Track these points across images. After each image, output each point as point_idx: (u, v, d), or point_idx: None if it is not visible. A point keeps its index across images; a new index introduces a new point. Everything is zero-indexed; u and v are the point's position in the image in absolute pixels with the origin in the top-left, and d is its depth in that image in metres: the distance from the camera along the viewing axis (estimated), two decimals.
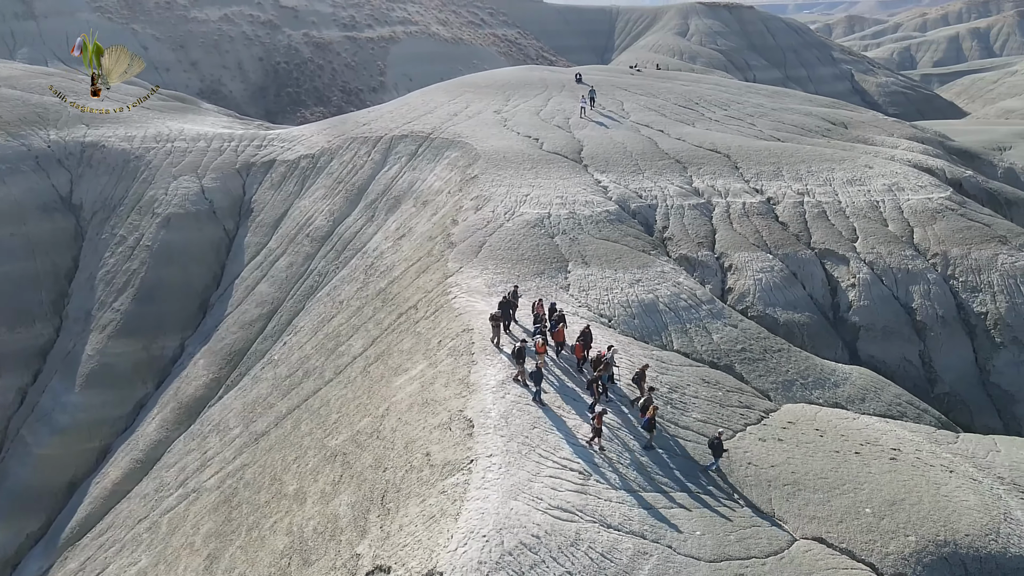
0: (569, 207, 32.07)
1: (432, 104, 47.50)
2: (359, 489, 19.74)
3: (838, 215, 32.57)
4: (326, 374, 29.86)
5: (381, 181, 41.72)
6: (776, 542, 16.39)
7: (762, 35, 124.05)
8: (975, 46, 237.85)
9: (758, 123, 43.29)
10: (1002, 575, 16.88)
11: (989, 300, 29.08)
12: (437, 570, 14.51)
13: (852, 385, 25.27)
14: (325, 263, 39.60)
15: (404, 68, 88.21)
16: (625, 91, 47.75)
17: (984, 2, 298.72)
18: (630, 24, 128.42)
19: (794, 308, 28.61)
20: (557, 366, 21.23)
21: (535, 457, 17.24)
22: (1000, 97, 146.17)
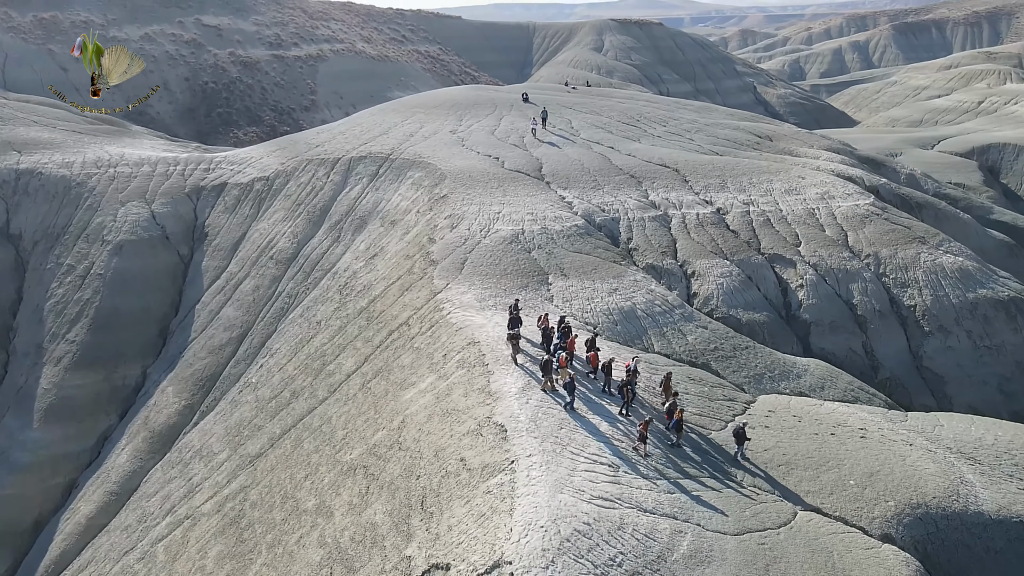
0: (540, 223, 34.05)
1: (386, 124, 48.61)
2: (393, 498, 20.94)
3: (781, 222, 35.90)
4: (318, 393, 30.63)
5: (343, 202, 42.53)
6: (783, 515, 18.73)
7: (671, 50, 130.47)
8: (856, 58, 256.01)
9: (696, 138, 46.63)
10: (965, 528, 19.81)
11: (916, 294, 32.90)
12: (504, 560, 16.04)
13: (812, 376, 28.24)
14: (294, 285, 40.09)
15: (334, 86, 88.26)
16: (571, 109, 50.34)
17: (862, 17, 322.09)
18: (547, 40, 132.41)
19: (753, 309, 31.53)
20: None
21: (568, 455, 19.00)
22: (883, 106, 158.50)
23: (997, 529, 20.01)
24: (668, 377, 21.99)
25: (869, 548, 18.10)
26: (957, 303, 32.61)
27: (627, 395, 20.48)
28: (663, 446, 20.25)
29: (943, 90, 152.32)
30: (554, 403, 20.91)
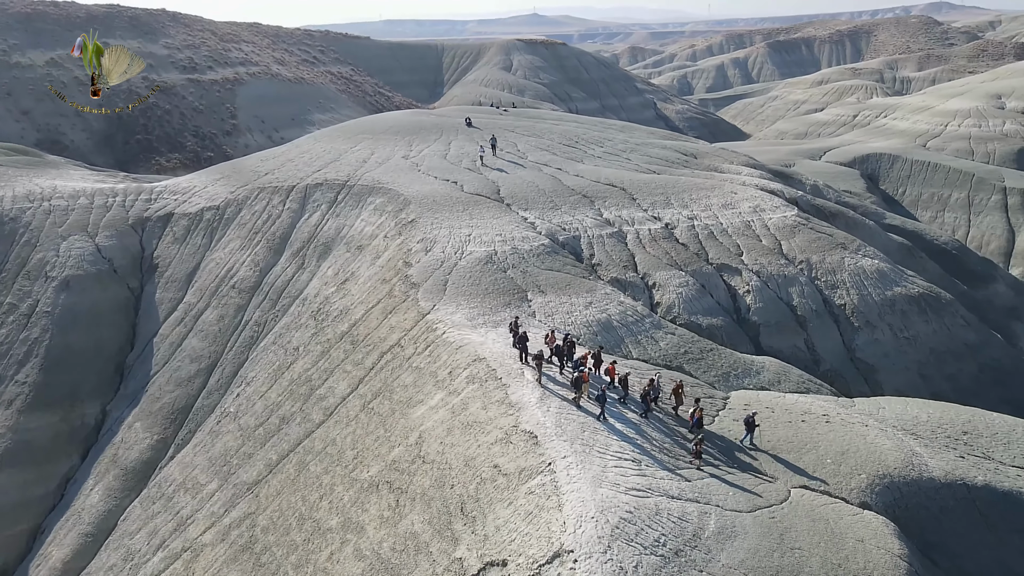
0: (510, 243, 36.23)
1: (336, 151, 49.49)
2: (429, 507, 22.48)
3: (723, 235, 39.61)
4: (313, 417, 31.52)
5: (304, 229, 43.23)
6: (781, 492, 21.62)
7: (576, 69, 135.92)
8: (737, 73, 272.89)
9: (632, 158, 50.15)
10: (921, 493, 23.36)
11: (844, 294, 37.23)
12: (564, 549, 18.05)
13: (768, 372, 31.70)
14: (261, 313, 40.46)
15: (254, 110, 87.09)
16: (513, 133, 52.85)
17: (739, 35, 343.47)
18: (456, 59, 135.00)
19: (710, 314, 34.86)
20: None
21: (596, 455, 21.22)
22: (768, 120, 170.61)
23: (946, 491, 23.68)
24: (680, 385, 24.59)
25: (855, 515, 21.23)
26: (879, 301, 37.16)
27: (649, 404, 22.97)
28: (663, 437, 22.84)
29: (819, 104, 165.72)
30: (572, 410, 23.09)
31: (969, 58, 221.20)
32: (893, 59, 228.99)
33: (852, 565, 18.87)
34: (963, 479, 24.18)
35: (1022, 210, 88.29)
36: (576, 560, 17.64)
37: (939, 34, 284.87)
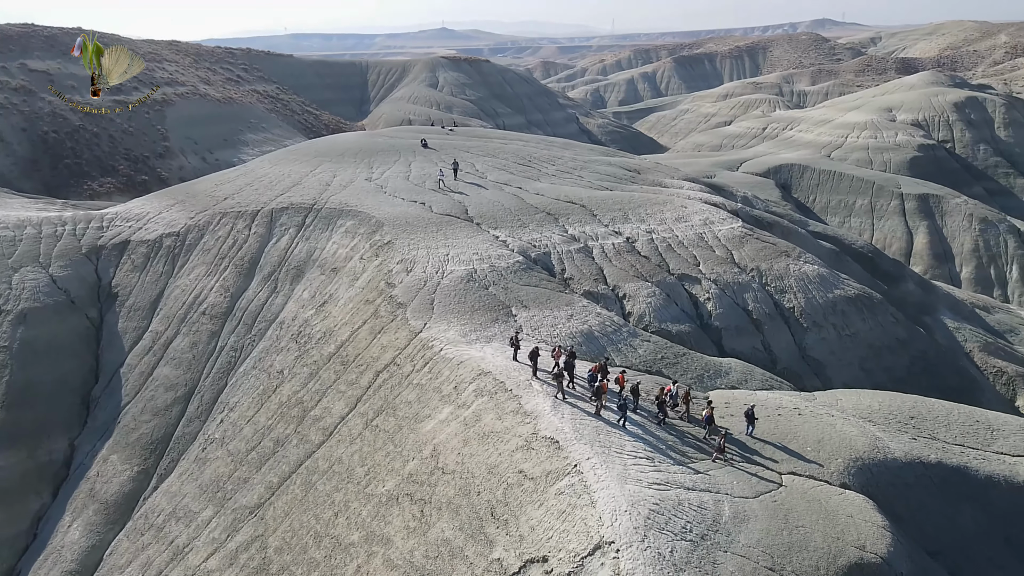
0: (487, 262, 37.93)
1: (297, 174, 49.86)
2: (457, 514, 23.87)
3: (680, 247, 42.56)
4: (311, 438, 32.21)
5: (273, 253, 43.56)
6: (775, 479, 24.18)
7: (501, 85, 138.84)
8: (647, 87, 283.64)
9: (584, 175, 52.77)
10: (888, 472, 26.42)
11: (792, 298, 40.77)
12: (605, 541, 19.88)
13: (736, 372, 34.59)
14: (236, 338, 40.57)
15: (186, 131, 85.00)
16: (468, 153, 54.55)
17: (646, 50, 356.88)
18: (382, 77, 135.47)
19: (677, 321, 37.58)
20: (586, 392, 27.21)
21: (614, 455, 23.18)
22: (681, 132, 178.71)
23: (907, 469, 26.88)
24: (688, 391, 26.83)
25: (840, 495, 24.00)
26: (822, 303, 40.89)
27: (666, 410, 25.20)
28: (669, 435, 25.14)
29: (728, 117, 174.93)
30: (585, 417, 24.99)
31: (856, 73, 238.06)
32: (789, 73, 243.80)
33: (848, 537, 21.52)
34: (919, 458, 27.46)
35: (918, 214, 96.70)
36: (618, 550, 19.51)
37: (827, 50, 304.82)
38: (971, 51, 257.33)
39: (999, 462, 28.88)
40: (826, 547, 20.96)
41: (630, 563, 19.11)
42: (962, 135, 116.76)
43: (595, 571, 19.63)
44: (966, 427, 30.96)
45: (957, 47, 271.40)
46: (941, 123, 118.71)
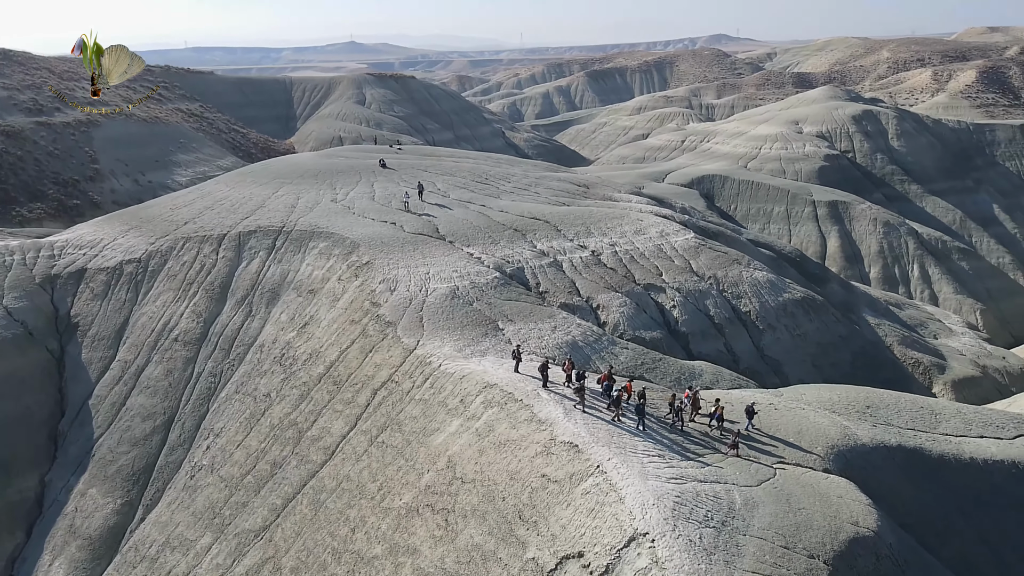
0: (467, 278, 39.33)
1: (259, 197, 49.71)
2: (484, 520, 25.16)
3: (642, 258, 45.15)
4: (312, 458, 32.68)
5: (244, 277, 43.48)
6: (769, 467, 26.65)
7: (427, 101, 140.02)
8: (562, 100, 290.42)
9: (540, 192, 54.87)
10: (859, 456, 29.36)
11: (748, 302, 43.98)
12: (639, 532, 21.68)
13: (707, 374, 37.24)
14: (214, 364, 40.33)
15: (115, 153, 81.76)
16: (427, 172, 55.70)
17: (559, 64, 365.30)
18: (307, 94, 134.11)
19: (649, 329, 40.01)
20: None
21: (630, 455, 25.06)
22: (601, 145, 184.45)
23: (874, 453, 29.95)
24: (696, 394, 28.91)
25: (827, 479, 26.68)
26: (774, 306, 44.28)
27: (683, 418, 27.25)
28: (674, 434, 27.30)
29: (645, 129, 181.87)
30: (597, 422, 26.77)
31: (757, 87, 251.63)
32: (696, 87, 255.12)
33: (843, 515, 24.10)
34: (882, 442, 30.63)
35: (829, 219, 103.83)
36: (653, 540, 21.35)
37: (729, 65, 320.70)
38: (858, 66, 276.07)
39: (946, 442, 32.40)
40: (827, 525, 23.46)
41: (666, 551, 20.98)
42: (861, 145, 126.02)
43: (632, 561, 21.40)
44: (914, 413, 34.45)
45: (845, 62, 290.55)
46: (842, 134, 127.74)
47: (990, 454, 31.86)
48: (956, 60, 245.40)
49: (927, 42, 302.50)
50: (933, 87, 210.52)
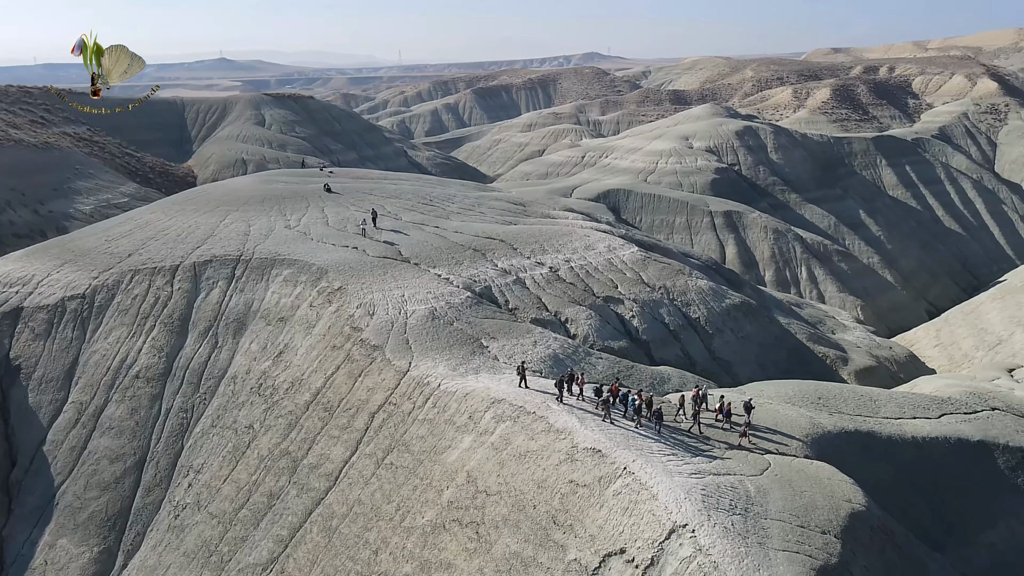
0: (442, 299, 40.33)
1: (206, 225, 48.35)
2: (518, 529, 26.39)
3: (597, 271, 47.66)
4: (314, 486, 32.64)
5: (205, 308, 42.40)
6: (762, 457, 29.39)
7: (329, 121, 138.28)
8: (451, 118, 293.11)
9: (485, 212, 56.45)
10: (826, 442, 32.75)
11: (696, 309, 47.38)
12: (679, 525, 23.65)
13: (675, 378, 40.00)
14: (183, 399, 39.16)
15: (9, 183, 74.96)
16: (371, 195, 55.93)
17: (445, 82, 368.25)
18: (201, 115, 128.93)
19: (615, 339, 42.43)
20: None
21: (648, 455, 27.06)
22: (498, 161, 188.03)
23: (839, 438, 33.43)
24: (704, 394, 31.17)
25: (811, 464, 29.73)
26: (719, 311, 47.91)
27: (697, 420, 29.44)
28: (680, 433, 29.61)
29: (541, 145, 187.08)
30: (610, 428, 28.56)
31: (638, 103, 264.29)
32: (581, 104, 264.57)
33: (838, 494, 27.11)
34: (843, 428, 34.26)
35: (726, 228, 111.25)
36: (693, 530, 23.39)
37: (609, 83, 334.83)
38: (726, 84, 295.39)
39: (890, 425, 36.53)
40: (828, 504, 26.36)
41: (707, 539, 23.07)
42: (745, 159, 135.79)
43: (675, 551, 23.36)
44: (857, 401, 38.50)
45: (714, 80, 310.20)
46: (728, 149, 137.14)
47: (926, 432, 36.08)
48: (811, 79, 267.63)
49: (784, 62, 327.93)
50: (794, 103, 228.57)
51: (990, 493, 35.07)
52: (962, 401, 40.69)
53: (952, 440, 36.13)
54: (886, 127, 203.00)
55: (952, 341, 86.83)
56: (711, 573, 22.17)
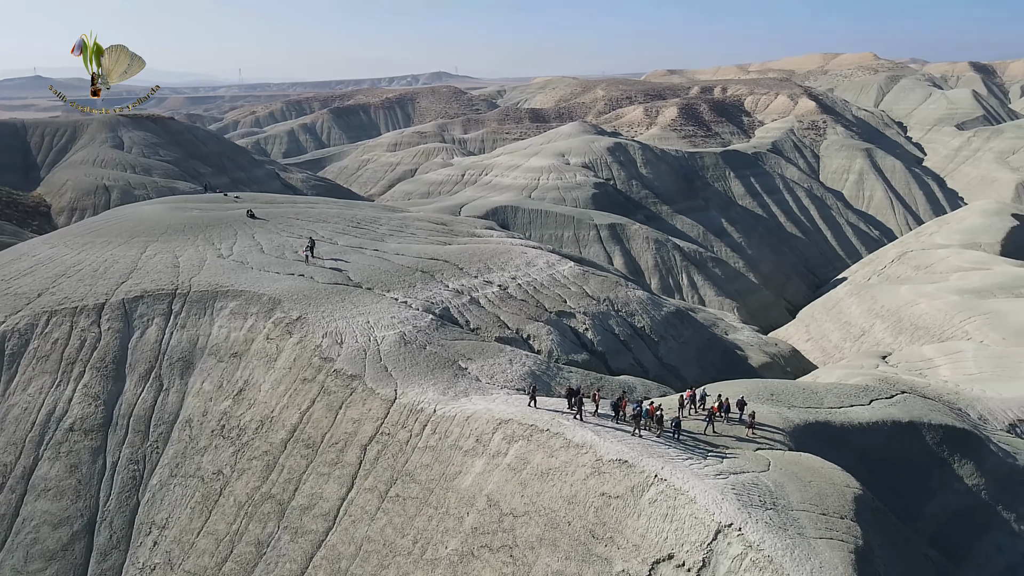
0: (408, 323, 39.41)
1: (126, 259, 44.05)
2: (555, 548, 26.32)
3: (544, 287, 48.36)
4: (310, 527, 30.78)
5: (142, 349, 38.80)
6: (754, 453, 31.14)
7: (194, 144, 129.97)
8: (308, 138, 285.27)
9: (416, 233, 55.63)
10: (801, 434, 35.21)
11: (640, 319, 49.21)
12: (724, 524, 24.60)
13: (639, 387, 41.41)
14: (131, 450, 35.58)
15: None
16: (298, 219, 53.40)
17: (298, 102, 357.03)
18: (48, 138, 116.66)
19: (576, 352, 43.26)
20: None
21: (670, 461, 27.92)
22: (369, 181, 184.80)
23: (806, 429, 35.87)
24: (704, 395, 32.25)
25: (801, 455, 31.77)
26: (660, 319, 50.07)
27: (712, 421, 30.49)
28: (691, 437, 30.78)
29: (413, 164, 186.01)
30: (628, 438, 29.13)
31: (499, 122, 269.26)
32: (443, 123, 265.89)
33: (837, 481, 29.23)
34: (806, 420, 36.94)
35: (611, 240, 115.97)
36: (740, 528, 24.44)
37: (466, 101, 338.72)
38: (579, 103, 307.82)
39: (838, 413, 39.77)
40: (834, 491, 28.40)
41: (755, 535, 24.20)
42: (619, 173, 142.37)
43: (725, 551, 24.31)
44: (802, 394, 41.60)
45: (568, 99, 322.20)
46: (602, 165, 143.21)
47: (866, 418, 39.54)
48: (656, 98, 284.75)
49: (630, 82, 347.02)
50: (647, 121, 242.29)
51: (926, 468, 38.98)
52: (880, 388, 44.93)
53: (888, 423, 39.68)
54: (728, 142, 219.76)
55: (822, 335, 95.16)
56: (766, 568, 23.28)
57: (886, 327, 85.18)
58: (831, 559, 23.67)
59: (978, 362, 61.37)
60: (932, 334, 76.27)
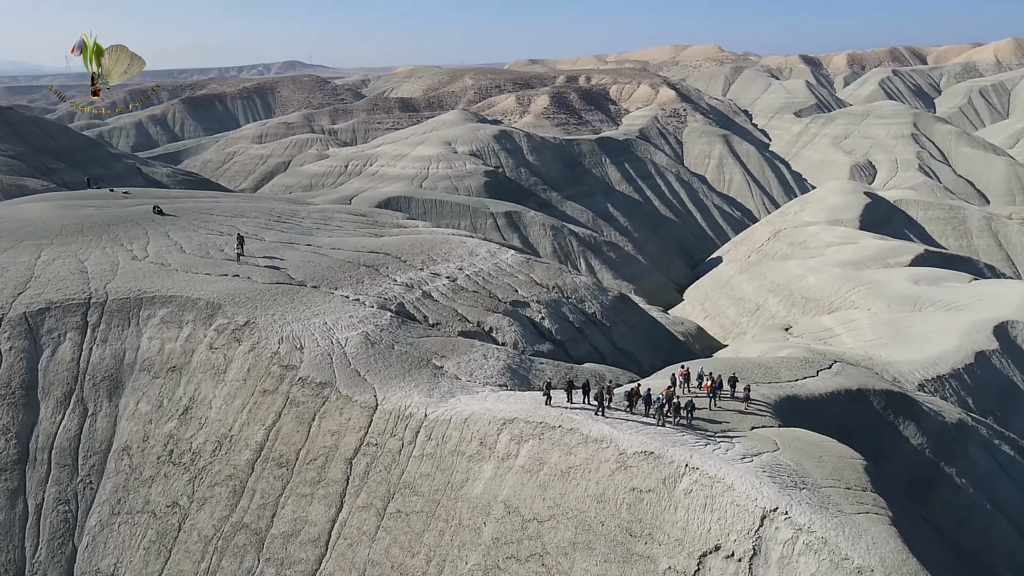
0: (369, 322, 36.25)
1: (20, 266, 37.28)
2: (591, 551, 24.69)
3: (492, 277, 46.31)
4: (300, 556, 27.41)
5: (56, 369, 33.20)
6: (750, 431, 30.91)
7: (40, 137, 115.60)
8: (159, 131, 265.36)
9: (345, 226, 51.76)
10: (781, 408, 35.62)
11: (591, 305, 48.27)
12: (769, 509, 23.89)
13: (609, 373, 40.46)
14: (58, 488, 30.33)
15: None
16: (213, 215, 47.93)
17: (142, 91, 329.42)
18: None
19: (539, 342, 41.64)
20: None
21: (690, 447, 26.96)
22: (238, 176, 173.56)
23: (784, 404, 36.22)
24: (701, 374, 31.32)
25: (795, 431, 31.88)
26: (608, 305, 49.39)
27: (713, 403, 29.60)
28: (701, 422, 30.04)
29: (285, 157, 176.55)
30: (644, 427, 27.89)
31: (368, 112, 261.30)
32: (309, 113, 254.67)
33: (843, 454, 29.47)
34: (780, 396, 37.33)
35: (508, 228, 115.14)
36: (786, 511, 23.83)
37: (331, 91, 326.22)
38: (449, 92, 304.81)
39: (797, 386, 40.62)
40: (844, 464, 28.57)
41: (802, 517, 23.67)
42: (507, 161, 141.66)
43: (774, 536, 23.64)
44: (762, 370, 42.23)
45: (436, 88, 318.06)
46: (490, 152, 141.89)
47: (821, 389, 40.66)
48: (526, 87, 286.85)
49: (498, 72, 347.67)
50: (520, 109, 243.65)
51: (877, 433, 40.64)
52: (816, 359, 46.47)
53: (841, 392, 40.99)
54: (598, 130, 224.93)
55: (718, 312, 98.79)
56: (822, 549, 22.82)
57: (779, 301, 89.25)
58: (879, 533, 23.56)
59: (874, 329, 65.20)
60: (822, 305, 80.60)
